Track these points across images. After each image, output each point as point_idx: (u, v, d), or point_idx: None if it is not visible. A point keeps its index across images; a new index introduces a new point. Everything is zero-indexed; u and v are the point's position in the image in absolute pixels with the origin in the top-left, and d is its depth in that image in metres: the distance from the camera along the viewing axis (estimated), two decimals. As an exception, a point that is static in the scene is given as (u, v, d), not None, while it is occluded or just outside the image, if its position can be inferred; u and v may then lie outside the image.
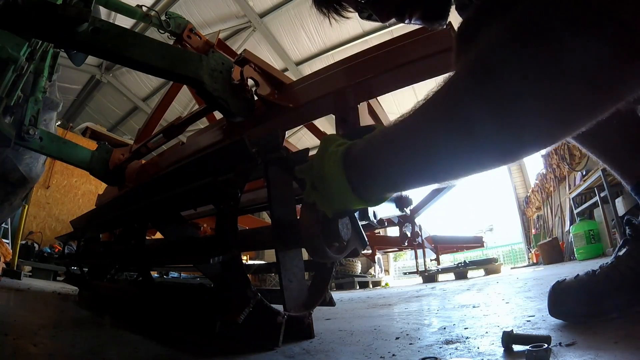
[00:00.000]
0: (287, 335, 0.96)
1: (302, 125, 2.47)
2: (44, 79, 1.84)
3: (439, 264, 3.80)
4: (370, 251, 4.18)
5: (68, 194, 6.23)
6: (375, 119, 1.60)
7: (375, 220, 0.94)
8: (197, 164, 1.15)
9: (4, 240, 4.36)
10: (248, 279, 0.90)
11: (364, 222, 0.91)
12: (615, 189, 3.97)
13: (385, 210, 1.17)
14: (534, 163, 8.62)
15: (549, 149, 6.39)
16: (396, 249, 4.23)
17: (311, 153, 0.93)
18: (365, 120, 1.30)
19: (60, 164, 6.16)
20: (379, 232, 5.69)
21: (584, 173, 4.93)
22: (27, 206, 4.69)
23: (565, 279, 0.93)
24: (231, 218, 0.92)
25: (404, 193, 1.53)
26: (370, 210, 0.92)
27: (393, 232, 4.85)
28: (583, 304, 0.85)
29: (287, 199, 1.03)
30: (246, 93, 1.18)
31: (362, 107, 1.30)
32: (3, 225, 4.42)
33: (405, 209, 1.42)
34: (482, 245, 4.42)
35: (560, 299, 0.90)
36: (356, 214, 0.87)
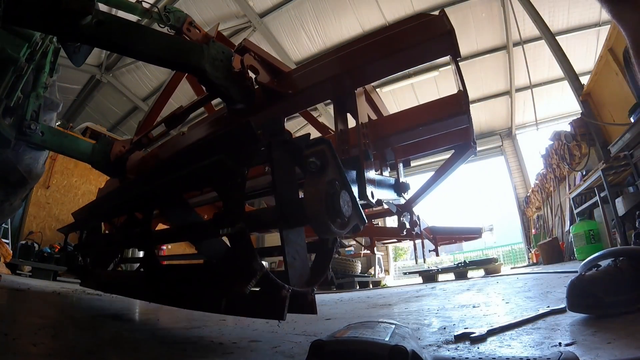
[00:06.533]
0: (292, 310, 0.96)
1: (301, 122, 2.50)
2: (45, 75, 1.85)
3: (437, 255, 3.80)
4: (369, 242, 4.19)
5: (68, 194, 6.23)
6: (373, 106, 1.63)
7: (373, 200, 1.02)
8: (203, 147, 1.17)
9: (3, 240, 4.37)
10: (255, 251, 0.90)
11: (362, 202, 0.99)
12: (615, 189, 3.97)
13: (383, 194, 1.23)
14: (534, 163, 8.63)
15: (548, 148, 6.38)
16: (395, 240, 4.21)
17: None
18: (362, 105, 1.34)
19: (60, 164, 6.16)
20: (378, 223, 5.69)
21: (584, 173, 4.92)
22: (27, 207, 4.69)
23: (584, 273, 0.93)
24: (239, 194, 0.94)
25: (402, 179, 1.58)
26: (369, 190, 1.02)
27: (392, 226, 4.82)
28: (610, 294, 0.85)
29: (290, 180, 1.07)
30: (247, 81, 1.20)
31: (359, 92, 1.34)
32: (3, 225, 4.43)
33: (403, 194, 1.47)
34: (481, 236, 4.41)
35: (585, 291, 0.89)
36: (355, 193, 0.93)
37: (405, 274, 9.51)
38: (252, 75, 1.29)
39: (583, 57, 7.41)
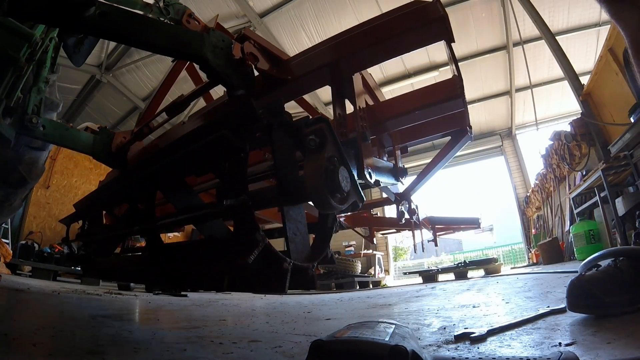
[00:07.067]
0: (293, 286, 0.97)
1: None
2: (47, 70, 1.85)
3: (436, 245, 3.82)
4: (368, 232, 4.21)
5: (68, 194, 6.23)
6: (369, 91, 1.66)
7: (371, 180, 1.08)
8: (205, 129, 1.19)
9: (3, 240, 4.37)
10: (257, 224, 0.91)
11: (361, 182, 1.04)
12: (615, 189, 3.96)
13: (381, 177, 1.27)
14: (534, 163, 8.62)
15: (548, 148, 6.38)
16: (394, 230, 4.23)
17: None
18: (360, 91, 1.38)
19: (60, 164, 6.17)
20: (377, 214, 5.70)
21: (584, 173, 4.92)
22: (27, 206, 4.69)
23: (584, 273, 0.94)
24: (241, 169, 0.96)
25: (400, 163, 1.60)
26: (367, 169, 1.07)
27: (391, 216, 4.83)
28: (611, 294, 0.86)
29: (291, 160, 1.10)
30: (247, 68, 1.23)
31: (356, 79, 1.38)
32: (3, 225, 4.43)
33: (401, 178, 1.50)
34: (479, 226, 4.44)
35: (585, 291, 0.90)
36: (354, 172, 0.97)
37: (405, 274, 9.51)
38: (251, 64, 1.32)
39: (583, 57, 7.41)
